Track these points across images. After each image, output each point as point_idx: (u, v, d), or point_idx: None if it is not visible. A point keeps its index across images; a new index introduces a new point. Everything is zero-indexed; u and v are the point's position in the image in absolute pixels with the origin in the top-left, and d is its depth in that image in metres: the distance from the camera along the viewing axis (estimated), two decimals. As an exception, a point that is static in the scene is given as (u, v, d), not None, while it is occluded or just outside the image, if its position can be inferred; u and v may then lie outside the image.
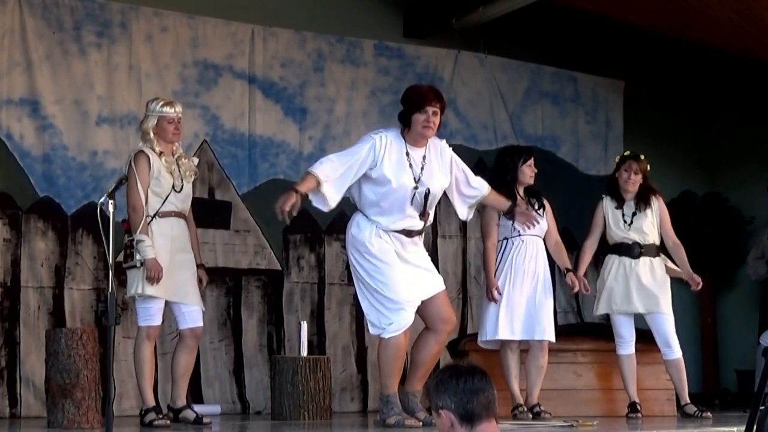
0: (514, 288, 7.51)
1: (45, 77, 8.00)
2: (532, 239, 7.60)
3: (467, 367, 3.64)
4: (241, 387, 8.49)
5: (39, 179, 7.93)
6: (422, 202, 6.59)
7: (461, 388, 3.56)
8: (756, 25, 8.66)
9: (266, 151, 8.77)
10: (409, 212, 6.58)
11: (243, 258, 8.61)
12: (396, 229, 6.57)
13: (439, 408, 3.59)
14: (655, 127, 10.56)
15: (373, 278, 6.54)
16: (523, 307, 7.50)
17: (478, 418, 3.57)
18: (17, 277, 7.83)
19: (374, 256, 6.53)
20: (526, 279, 7.53)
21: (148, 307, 6.62)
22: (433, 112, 6.53)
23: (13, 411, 7.67)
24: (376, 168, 6.48)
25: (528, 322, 7.50)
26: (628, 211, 7.86)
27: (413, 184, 6.54)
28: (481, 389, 3.58)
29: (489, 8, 9.17)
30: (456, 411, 3.56)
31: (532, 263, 7.56)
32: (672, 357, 7.81)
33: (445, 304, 6.77)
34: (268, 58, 8.86)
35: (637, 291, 7.75)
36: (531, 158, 7.68)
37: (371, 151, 6.48)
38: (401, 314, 6.50)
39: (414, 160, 6.57)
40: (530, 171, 7.64)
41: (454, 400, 3.56)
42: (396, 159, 6.52)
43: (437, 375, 3.66)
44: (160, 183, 6.66)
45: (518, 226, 7.42)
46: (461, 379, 3.57)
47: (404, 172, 6.52)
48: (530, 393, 7.57)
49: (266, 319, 8.67)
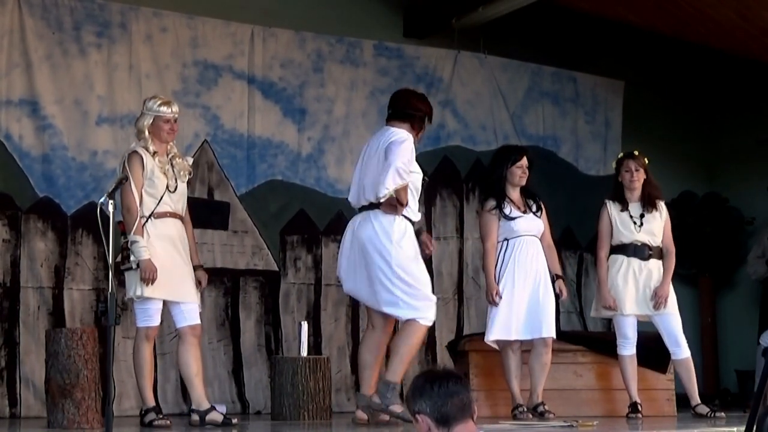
0: (515, 288, 7.51)
1: (44, 77, 8.00)
2: (532, 239, 7.61)
3: (442, 372, 3.78)
4: (240, 387, 8.49)
5: (38, 179, 7.93)
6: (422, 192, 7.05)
7: (436, 392, 3.68)
8: (756, 25, 8.66)
9: (264, 152, 8.77)
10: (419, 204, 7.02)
11: (241, 259, 8.61)
12: (416, 219, 6.94)
13: (416, 413, 3.71)
14: (656, 127, 10.56)
15: (411, 270, 6.78)
16: (525, 307, 7.51)
17: (454, 420, 3.68)
18: (17, 277, 7.83)
19: (411, 248, 6.82)
20: (527, 279, 7.54)
21: (146, 308, 6.62)
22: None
23: (13, 411, 7.68)
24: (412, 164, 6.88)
25: (530, 322, 7.50)
26: (635, 212, 7.83)
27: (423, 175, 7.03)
28: (455, 392, 3.69)
29: (489, 8, 9.17)
30: (432, 414, 3.67)
31: (533, 263, 7.57)
32: (682, 356, 7.80)
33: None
34: (268, 59, 8.86)
35: (646, 293, 7.74)
36: (521, 159, 7.65)
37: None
38: (434, 309, 6.89)
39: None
40: (520, 171, 7.62)
41: (429, 404, 3.68)
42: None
43: (414, 381, 3.79)
44: (154, 183, 6.65)
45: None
46: (436, 384, 3.69)
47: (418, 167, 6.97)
48: (534, 391, 7.55)
49: (264, 320, 8.68)
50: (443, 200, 9.47)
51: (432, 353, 9.22)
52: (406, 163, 6.70)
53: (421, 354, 9.17)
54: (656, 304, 7.70)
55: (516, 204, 7.63)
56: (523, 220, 7.60)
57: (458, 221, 9.49)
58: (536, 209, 7.67)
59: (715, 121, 11.09)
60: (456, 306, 9.41)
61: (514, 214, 7.59)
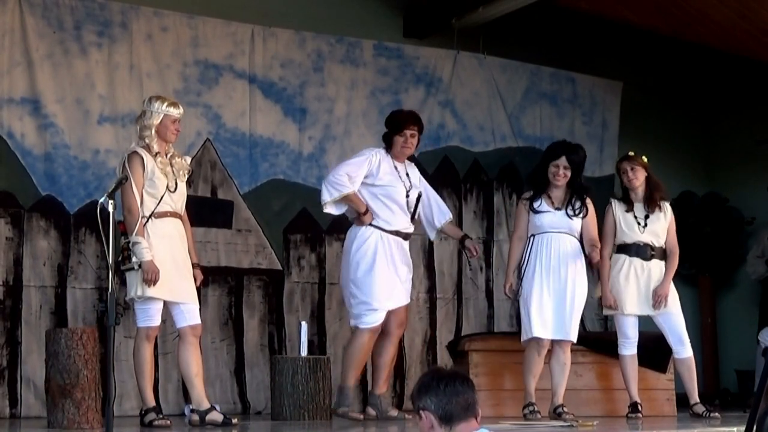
0: (541, 285, 7.48)
1: (46, 76, 8.00)
2: (560, 236, 7.55)
3: (449, 371, 3.89)
4: (242, 387, 8.49)
5: (41, 178, 7.94)
6: (414, 205, 7.46)
7: (442, 391, 3.78)
8: (756, 25, 8.67)
9: (266, 151, 8.77)
10: (405, 215, 7.42)
11: (244, 257, 8.61)
12: (395, 229, 7.35)
13: (421, 409, 3.81)
14: (656, 127, 10.57)
15: (364, 275, 7.25)
16: (552, 305, 7.47)
17: (457, 419, 3.77)
18: (19, 276, 7.83)
19: (369, 259, 7.27)
20: (553, 275, 7.49)
21: (147, 308, 6.62)
22: (411, 134, 7.46)
23: (13, 411, 7.67)
24: (375, 176, 7.35)
25: (558, 321, 7.47)
26: (640, 213, 7.83)
27: (405, 190, 7.44)
28: (461, 392, 3.79)
29: (488, 8, 9.18)
30: (436, 412, 3.77)
31: (560, 260, 7.51)
32: (684, 355, 7.81)
33: (403, 311, 7.49)
34: (268, 58, 8.86)
35: (648, 293, 7.74)
36: (559, 157, 7.58)
37: (369, 162, 7.36)
38: (378, 314, 7.26)
39: (401, 172, 7.49)
40: (555, 170, 7.56)
41: (434, 402, 3.78)
42: (389, 170, 7.40)
43: (420, 378, 3.90)
44: (155, 184, 6.65)
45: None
46: (442, 383, 3.80)
47: (398, 181, 7.42)
48: (555, 393, 7.53)
49: (267, 319, 8.68)
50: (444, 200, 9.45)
51: (432, 353, 9.22)
52: (341, 176, 7.25)
53: (422, 354, 9.19)
54: (655, 304, 7.71)
55: (552, 200, 7.60)
56: (550, 216, 7.55)
57: (457, 222, 9.49)
58: (576, 209, 7.59)
59: (715, 121, 11.09)
60: (455, 306, 9.41)
61: (541, 209, 7.56)
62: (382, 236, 7.33)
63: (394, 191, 7.37)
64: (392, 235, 7.35)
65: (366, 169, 7.33)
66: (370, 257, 7.28)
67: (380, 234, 7.33)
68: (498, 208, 9.65)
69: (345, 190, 7.26)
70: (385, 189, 7.36)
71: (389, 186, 7.36)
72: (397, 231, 7.37)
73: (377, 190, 7.36)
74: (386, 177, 7.37)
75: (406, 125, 7.46)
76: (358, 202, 7.31)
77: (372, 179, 7.35)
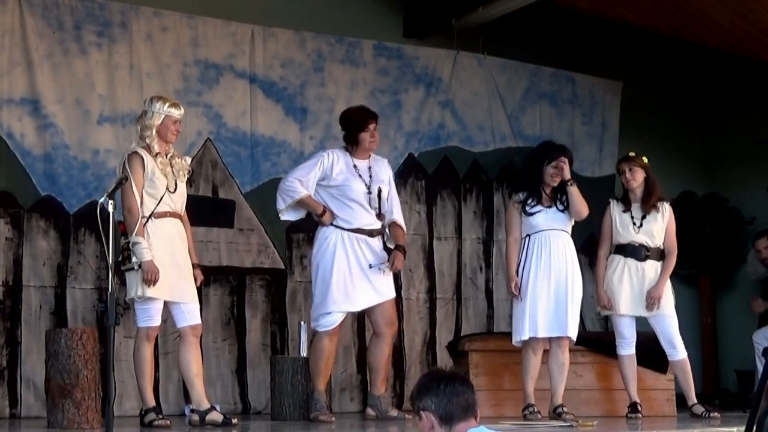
0: (538, 284, 7.48)
1: (45, 77, 8.00)
2: (555, 233, 7.56)
3: (449, 372, 3.93)
4: (243, 387, 8.49)
5: (40, 178, 7.94)
6: (378, 202, 7.34)
7: (442, 391, 3.81)
8: (756, 25, 8.67)
9: (268, 151, 8.78)
10: (367, 212, 7.32)
11: (247, 257, 8.61)
12: (356, 227, 7.29)
13: (421, 409, 3.84)
14: (656, 127, 10.57)
15: (322, 277, 7.26)
16: (547, 303, 7.47)
17: (457, 419, 3.80)
18: (19, 276, 7.83)
19: (330, 259, 7.24)
20: (551, 274, 7.49)
21: (148, 307, 6.63)
22: (374, 128, 7.42)
23: (13, 411, 7.67)
24: (329, 177, 7.32)
25: (555, 318, 7.47)
26: (636, 214, 7.84)
27: (365, 187, 7.35)
28: (461, 392, 3.83)
29: (488, 8, 9.17)
30: (436, 412, 3.81)
31: (556, 259, 7.52)
32: (677, 358, 7.82)
33: (388, 309, 7.37)
34: (268, 58, 8.86)
35: (642, 294, 7.75)
36: (556, 158, 7.61)
37: (321, 164, 7.34)
38: (331, 317, 7.24)
39: (361, 169, 7.39)
40: (552, 171, 7.58)
41: (434, 402, 3.81)
42: (345, 169, 7.35)
43: (420, 379, 3.94)
44: (155, 184, 6.66)
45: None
46: (442, 383, 3.83)
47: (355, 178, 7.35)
48: (554, 393, 7.53)
49: (269, 319, 8.68)
50: (443, 201, 9.48)
51: (432, 353, 9.22)
52: (293, 181, 7.29)
53: (422, 354, 9.19)
54: (649, 305, 7.71)
55: (543, 199, 7.61)
56: (544, 215, 7.57)
57: (457, 222, 9.50)
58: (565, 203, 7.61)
59: (715, 122, 11.09)
60: (455, 306, 9.41)
61: (534, 210, 7.57)
62: (344, 235, 7.27)
63: (350, 189, 7.30)
64: (355, 233, 7.29)
65: (319, 172, 7.31)
66: (329, 258, 7.24)
67: (341, 233, 7.28)
68: (498, 208, 9.65)
69: (297, 195, 7.27)
70: (341, 188, 7.31)
71: (344, 185, 7.30)
72: (359, 229, 7.29)
73: (333, 191, 7.32)
74: (341, 176, 7.31)
75: (368, 120, 7.42)
76: (314, 204, 7.32)
77: (327, 180, 7.32)
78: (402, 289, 9.11)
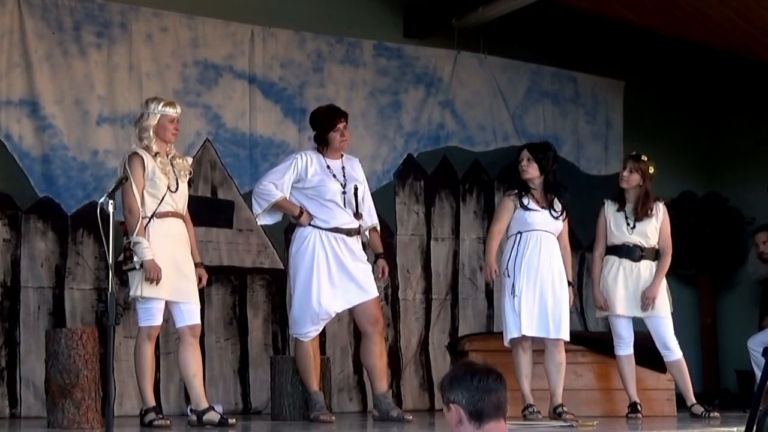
0: (527, 284, 7.48)
1: (45, 78, 7.99)
2: (546, 235, 7.58)
3: (483, 366, 3.70)
4: (245, 387, 8.48)
5: (38, 180, 7.93)
6: (353, 201, 7.28)
7: (474, 386, 3.62)
8: (756, 25, 8.66)
9: (267, 151, 8.77)
10: (344, 211, 7.25)
11: (247, 257, 8.61)
12: (334, 227, 7.21)
13: (450, 402, 3.65)
14: (656, 127, 10.57)
15: (298, 285, 7.17)
16: (537, 303, 7.47)
17: (487, 417, 3.62)
18: (17, 277, 7.83)
19: (310, 258, 7.14)
20: (539, 275, 7.50)
21: (149, 307, 6.63)
22: (344, 127, 7.35)
23: (13, 411, 7.67)
24: (304, 179, 7.26)
25: (542, 319, 7.47)
26: (630, 214, 7.85)
27: (340, 186, 7.28)
28: (494, 389, 3.64)
29: (489, 8, 9.17)
30: (466, 407, 3.62)
31: (546, 259, 7.53)
32: (672, 359, 7.83)
33: (372, 308, 7.27)
34: (268, 59, 8.86)
35: (637, 294, 7.75)
36: (521, 154, 7.70)
37: (295, 166, 7.28)
38: (307, 326, 7.17)
39: (335, 170, 7.32)
40: (521, 167, 7.66)
41: (466, 396, 3.62)
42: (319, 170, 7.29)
43: (453, 370, 3.74)
44: (156, 184, 6.67)
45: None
46: (476, 377, 3.63)
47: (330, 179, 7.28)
48: (553, 393, 7.52)
49: (271, 318, 8.67)
50: (441, 201, 9.47)
51: (425, 354, 9.20)
52: (267, 185, 7.25)
53: (415, 355, 9.18)
54: (643, 305, 7.71)
55: (536, 199, 7.63)
56: (539, 215, 7.58)
57: (454, 222, 9.49)
58: (558, 210, 7.65)
59: (716, 122, 11.09)
60: (451, 307, 9.40)
61: (531, 206, 7.58)
62: (322, 235, 7.20)
63: (326, 190, 7.25)
64: (333, 233, 7.22)
65: (293, 174, 7.27)
66: (309, 260, 7.16)
67: (320, 233, 7.21)
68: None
69: (273, 198, 7.23)
70: (317, 189, 7.25)
71: (320, 186, 7.24)
72: (336, 228, 7.22)
73: (309, 192, 7.27)
74: (316, 178, 7.25)
75: (337, 120, 7.36)
76: (290, 206, 7.26)
77: (302, 183, 7.27)
78: (399, 289, 9.12)
